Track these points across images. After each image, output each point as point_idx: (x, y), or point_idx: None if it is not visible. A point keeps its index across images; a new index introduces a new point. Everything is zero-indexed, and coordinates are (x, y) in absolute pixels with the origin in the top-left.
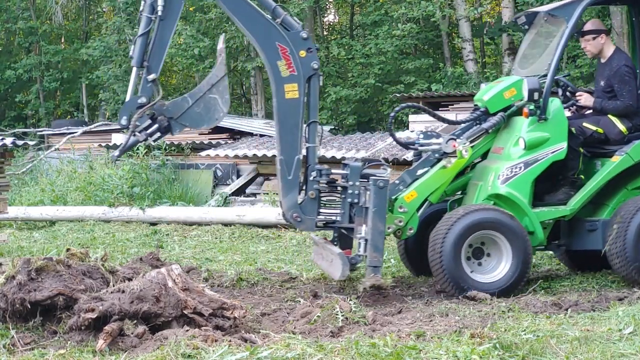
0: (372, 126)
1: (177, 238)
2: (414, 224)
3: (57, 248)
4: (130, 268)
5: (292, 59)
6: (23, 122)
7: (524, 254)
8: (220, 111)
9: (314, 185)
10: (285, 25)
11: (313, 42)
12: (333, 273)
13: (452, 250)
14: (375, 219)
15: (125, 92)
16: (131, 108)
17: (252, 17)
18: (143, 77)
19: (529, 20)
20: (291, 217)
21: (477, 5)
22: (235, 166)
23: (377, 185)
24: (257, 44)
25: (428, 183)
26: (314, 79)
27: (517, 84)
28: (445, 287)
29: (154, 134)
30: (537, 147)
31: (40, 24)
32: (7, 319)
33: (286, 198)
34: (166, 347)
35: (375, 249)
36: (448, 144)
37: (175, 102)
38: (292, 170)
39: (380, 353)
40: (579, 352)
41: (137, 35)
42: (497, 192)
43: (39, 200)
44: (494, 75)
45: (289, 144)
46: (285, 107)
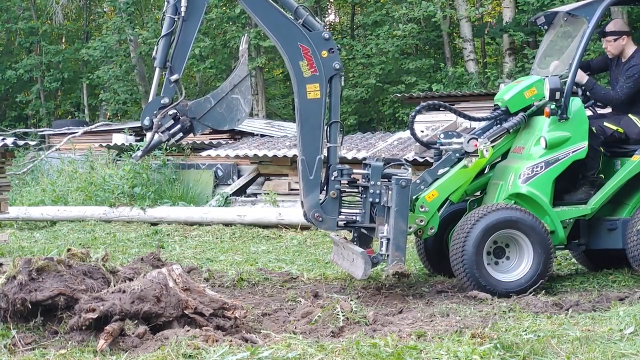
0: (372, 126)
1: (178, 238)
2: (435, 223)
3: (58, 248)
4: (131, 268)
5: (314, 59)
6: (24, 122)
7: (545, 253)
8: (242, 111)
9: (336, 185)
10: (307, 25)
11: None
12: (355, 272)
13: (474, 249)
14: (397, 218)
15: (125, 92)
16: (154, 108)
17: (274, 18)
18: (166, 77)
19: (548, 21)
20: (312, 217)
21: (478, 5)
22: (236, 166)
23: (399, 185)
24: (279, 45)
25: (449, 182)
26: (336, 79)
27: (538, 83)
28: (467, 286)
29: (176, 134)
30: (558, 146)
31: (41, 24)
32: (8, 319)
33: (308, 198)
34: (167, 347)
35: (397, 248)
36: (469, 144)
37: (197, 102)
38: (314, 170)
39: (381, 353)
40: (580, 352)
41: (160, 36)
42: (518, 191)
43: (40, 200)
44: (495, 75)
45: (311, 144)
46: (307, 107)
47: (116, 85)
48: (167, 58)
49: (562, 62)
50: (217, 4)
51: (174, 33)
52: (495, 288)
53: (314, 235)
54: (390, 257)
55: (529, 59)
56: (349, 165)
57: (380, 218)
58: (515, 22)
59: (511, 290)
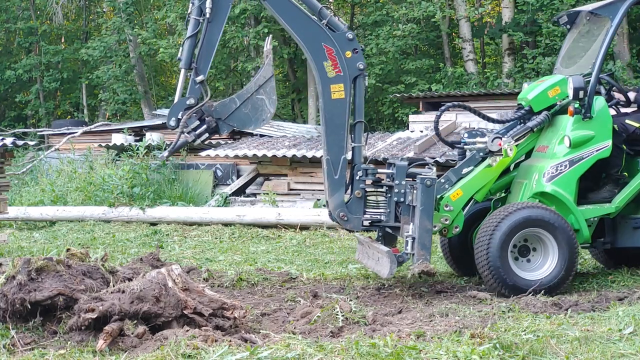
0: (372, 126)
1: (177, 238)
2: (459, 222)
3: (57, 248)
4: (131, 268)
5: (338, 59)
6: (23, 122)
7: (570, 251)
8: (267, 112)
9: (360, 184)
10: (331, 26)
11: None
12: (380, 271)
13: (499, 247)
14: (422, 217)
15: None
16: (180, 109)
17: (299, 19)
18: (191, 78)
19: (570, 20)
20: (338, 216)
21: (477, 5)
22: (235, 166)
23: (424, 184)
24: (304, 45)
25: (473, 181)
26: (360, 79)
27: (561, 82)
28: (492, 285)
29: (202, 135)
30: (582, 145)
31: (40, 24)
32: (7, 319)
33: (333, 197)
34: (166, 347)
35: (422, 246)
36: (494, 143)
37: (223, 103)
38: (339, 169)
39: (381, 353)
40: (579, 352)
41: (185, 38)
42: (542, 190)
43: (39, 200)
44: (494, 75)
45: (335, 144)
46: (332, 107)
47: (115, 85)
48: (193, 59)
49: (585, 61)
50: None
51: (198, 34)
52: (521, 286)
53: (313, 236)
54: (415, 256)
55: (528, 59)
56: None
57: (405, 217)
58: (514, 22)
59: (536, 288)
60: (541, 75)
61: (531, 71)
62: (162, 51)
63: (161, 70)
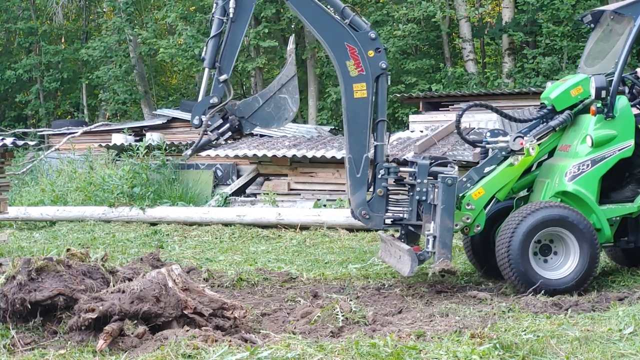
0: None
1: (177, 238)
2: (481, 221)
3: (57, 248)
4: (131, 268)
5: (360, 58)
6: (23, 123)
7: (591, 251)
8: (290, 110)
9: (382, 183)
10: (353, 25)
11: (380, 42)
12: (402, 269)
13: (520, 246)
14: (443, 216)
15: (124, 92)
16: (203, 108)
17: (322, 18)
18: (214, 77)
19: (594, 19)
20: (360, 215)
21: (477, 5)
22: (236, 166)
23: (445, 183)
24: (326, 44)
25: (495, 180)
26: (382, 78)
27: (584, 81)
28: (514, 284)
29: (225, 133)
30: (605, 144)
31: (40, 24)
32: (7, 319)
33: (355, 196)
34: (166, 347)
35: (443, 245)
36: (516, 142)
37: (246, 102)
38: (361, 168)
39: (381, 353)
40: (579, 352)
41: (209, 37)
42: (564, 189)
43: (39, 200)
44: (494, 75)
45: (358, 143)
46: (354, 106)
47: (115, 85)
48: (216, 59)
49: (608, 60)
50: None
51: (222, 34)
52: (542, 285)
53: (313, 236)
54: (436, 254)
55: (528, 59)
56: None
57: (427, 216)
58: (514, 22)
59: (558, 287)
60: (541, 75)
61: (531, 71)
62: (162, 51)
63: (161, 70)
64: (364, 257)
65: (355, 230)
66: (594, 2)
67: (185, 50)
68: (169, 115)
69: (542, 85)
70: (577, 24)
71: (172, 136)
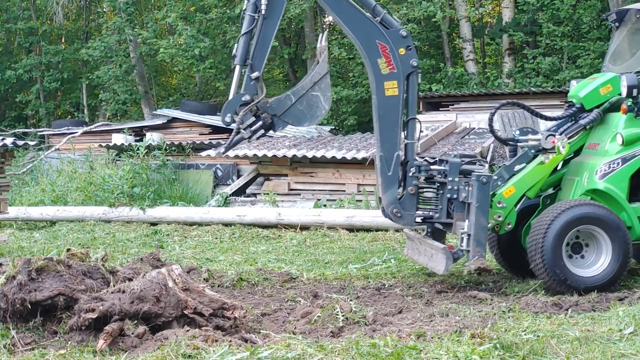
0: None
1: (178, 238)
2: (512, 219)
3: (57, 248)
4: (131, 268)
5: (391, 56)
6: (23, 123)
7: (623, 248)
8: (322, 108)
9: (413, 181)
10: (384, 23)
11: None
12: (435, 267)
13: (553, 244)
14: (478, 214)
15: (124, 92)
16: (235, 106)
17: (353, 16)
18: (246, 75)
19: (619, 18)
20: (391, 213)
21: (477, 5)
22: (236, 166)
23: (480, 181)
24: (358, 42)
25: (526, 178)
26: (413, 76)
27: (613, 80)
28: (547, 281)
29: (257, 131)
30: (635, 142)
31: (41, 24)
32: (7, 319)
33: (386, 194)
34: (166, 347)
35: (477, 243)
36: (547, 140)
37: (278, 99)
38: (392, 166)
39: (381, 353)
40: (580, 352)
41: (241, 34)
42: (594, 187)
43: (40, 200)
44: (494, 75)
45: (389, 141)
46: (385, 104)
47: (116, 85)
48: (247, 56)
49: (635, 59)
50: (217, 4)
51: (253, 31)
52: (575, 283)
53: (313, 236)
54: (471, 252)
55: (529, 59)
56: None
57: (458, 214)
58: (514, 22)
59: (590, 285)
60: (541, 75)
61: (531, 71)
62: (162, 51)
63: (161, 70)
64: (364, 257)
65: (355, 230)
66: (594, 2)
67: (186, 50)
68: (169, 115)
69: (542, 85)
70: (577, 23)
71: (172, 136)
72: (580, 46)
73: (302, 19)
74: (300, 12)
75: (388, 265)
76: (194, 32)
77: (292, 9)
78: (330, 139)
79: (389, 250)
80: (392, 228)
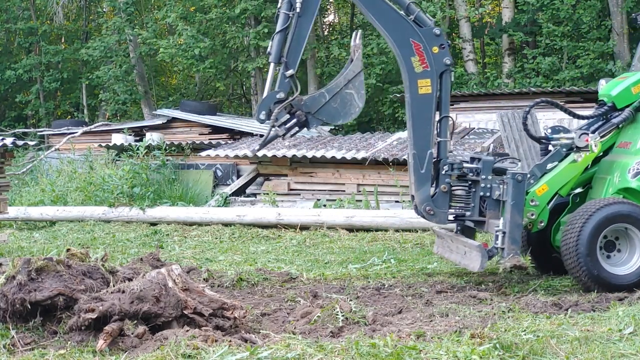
0: (372, 126)
1: (177, 238)
2: (544, 217)
3: (57, 248)
4: (131, 268)
5: (425, 55)
6: (23, 123)
7: None
8: (356, 106)
9: (446, 179)
10: (418, 21)
11: (445, 38)
12: (469, 265)
13: (588, 242)
14: (513, 212)
15: (124, 92)
16: (269, 103)
17: (387, 14)
18: (280, 72)
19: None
20: (424, 211)
21: (477, 5)
22: (236, 166)
23: (515, 179)
24: (392, 40)
25: (559, 177)
26: (446, 74)
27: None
28: (582, 281)
29: (292, 129)
30: None
31: (40, 24)
32: (7, 319)
33: (419, 192)
34: (166, 347)
35: (512, 241)
36: (581, 139)
37: (312, 97)
38: (425, 164)
39: (381, 353)
40: (579, 352)
41: (275, 32)
42: (627, 185)
43: (39, 200)
44: (494, 75)
45: (422, 139)
46: (418, 102)
47: (115, 85)
48: (282, 53)
49: None
50: (216, 4)
51: (288, 29)
52: (610, 281)
53: (313, 236)
54: (506, 250)
55: (528, 59)
56: None
57: (491, 212)
58: (514, 22)
59: (624, 283)
60: (541, 75)
61: (531, 71)
62: (162, 51)
63: (161, 70)
64: (364, 257)
65: (355, 230)
66: (594, 2)
67: (185, 50)
68: (168, 115)
69: (542, 85)
70: (577, 23)
71: (172, 136)
72: (580, 46)
73: None
74: None
75: (388, 265)
76: (194, 32)
77: None
78: (330, 139)
79: (389, 250)
80: (392, 228)
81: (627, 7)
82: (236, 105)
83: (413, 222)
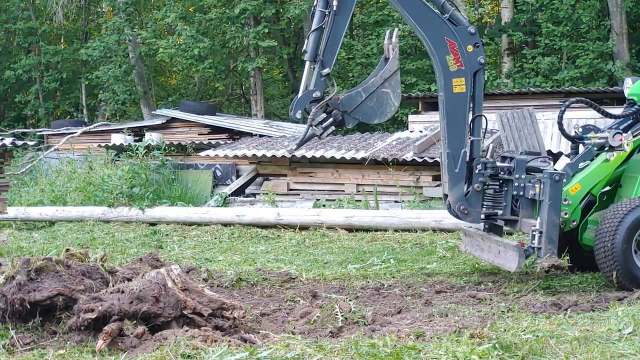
0: (371, 126)
1: (177, 238)
2: (577, 216)
3: (56, 248)
4: (130, 268)
5: (460, 53)
6: (23, 123)
7: None
8: (392, 105)
9: (480, 178)
10: (453, 20)
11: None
12: (505, 264)
13: (623, 242)
14: (550, 212)
15: (124, 92)
16: (305, 102)
17: (422, 13)
18: (316, 71)
19: None
20: (458, 210)
21: (477, 5)
22: (235, 166)
23: (553, 179)
24: (426, 39)
25: (591, 176)
26: (480, 73)
27: None
28: (617, 281)
29: (329, 128)
30: None
31: (40, 24)
32: (6, 319)
33: (453, 191)
34: (166, 348)
35: (549, 241)
36: (615, 138)
37: (349, 96)
38: (459, 163)
39: (380, 353)
40: (579, 352)
41: (311, 30)
42: None
43: (39, 200)
44: (494, 75)
45: (456, 138)
46: (453, 101)
47: (115, 85)
48: (317, 52)
49: None
50: (216, 4)
51: (324, 27)
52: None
53: (312, 236)
54: (543, 249)
55: (528, 59)
56: None
57: (524, 211)
58: (514, 22)
59: None
60: (540, 75)
61: (530, 71)
62: (161, 51)
63: (161, 70)
64: (363, 257)
65: (355, 230)
66: (593, 2)
67: (185, 50)
68: (168, 115)
69: (542, 85)
70: (577, 23)
71: (171, 136)
72: (579, 46)
73: (302, 19)
74: (300, 12)
75: (387, 265)
76: (193, 32)
77: (292, 9)
78: (330, 139)
79: (388, 250)
80: (391, 228)
81: (627, 7)
82: (235, 105)
83: (412, 222)
